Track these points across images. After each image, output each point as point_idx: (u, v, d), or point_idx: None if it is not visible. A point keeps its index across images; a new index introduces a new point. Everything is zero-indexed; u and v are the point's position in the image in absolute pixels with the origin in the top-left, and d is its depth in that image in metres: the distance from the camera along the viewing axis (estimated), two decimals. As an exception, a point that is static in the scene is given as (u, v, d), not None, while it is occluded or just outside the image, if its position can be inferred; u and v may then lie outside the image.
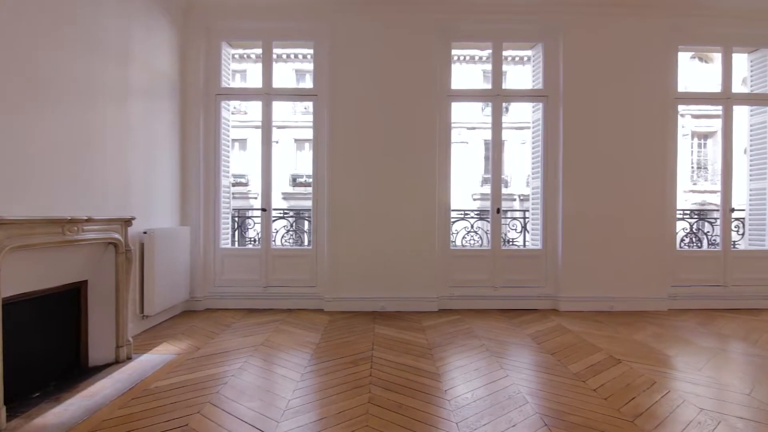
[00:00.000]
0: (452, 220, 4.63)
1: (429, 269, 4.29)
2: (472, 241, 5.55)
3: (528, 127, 17.54)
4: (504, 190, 17.88)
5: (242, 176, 17.60)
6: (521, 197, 17.30)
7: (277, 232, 5.78)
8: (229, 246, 4.65)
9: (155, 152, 3.78)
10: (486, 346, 3.18)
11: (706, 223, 5.28)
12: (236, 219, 5.92)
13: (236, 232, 6.12)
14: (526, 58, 17.12)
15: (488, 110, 17.75)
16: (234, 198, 17.22)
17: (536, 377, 2.56)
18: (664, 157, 4.37)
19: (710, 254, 4.55)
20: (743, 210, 4.82)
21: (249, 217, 6.06)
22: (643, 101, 4.34)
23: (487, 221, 6.22)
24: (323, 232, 4.34)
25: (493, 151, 4.48)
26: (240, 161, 17.88)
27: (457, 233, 5.62)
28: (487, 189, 17.83)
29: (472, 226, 5.52)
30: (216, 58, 4.37)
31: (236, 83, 18.00)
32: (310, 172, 4.40)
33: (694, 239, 5.15)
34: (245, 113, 17.53)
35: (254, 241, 6.12)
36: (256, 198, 17.44)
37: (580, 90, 4.32)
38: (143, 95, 3.58)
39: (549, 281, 4.42)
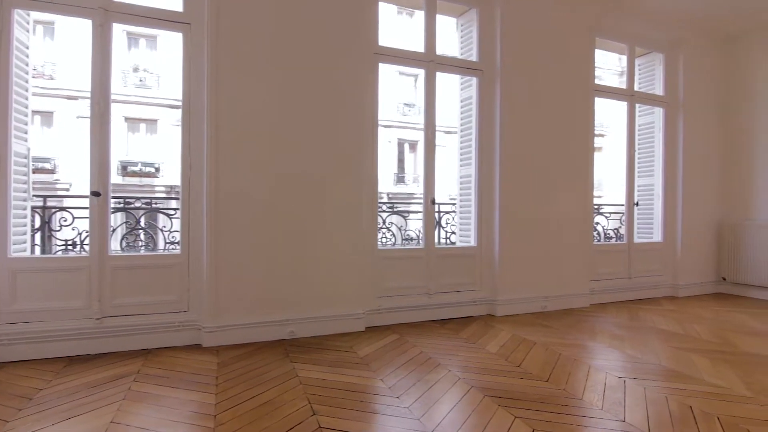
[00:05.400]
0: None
1: (354, 277, 3.27)
2: (384, 239, 4.71)
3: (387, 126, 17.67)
4: (405, 189, 17.91)
5: (46, 160, 13.41)
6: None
7: (114, 231, 3.96)
8: (28, 254, 2.82)
9: None
10: (464, 380, 2.34)
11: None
12: (41, 212, 3.90)
13: (43, 234, 4.06)
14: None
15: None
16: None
17: None
18: (586, 149, 4.24)
19: (617, 248, 4.63)
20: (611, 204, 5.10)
21: (63, 209, 4.06)
22: (571, 88, 4.13)
23: (403, 216, 5.49)
24: (201, 231, 2.92)
25: (426, 130, 3.69)
26: (43, 141, 13.62)
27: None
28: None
29: (384, 222, 4.67)
30: (0, -68, 2.54)
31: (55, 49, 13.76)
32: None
33: (594, 233, 5.28)
34: (51, 78, 13.41)
35: (75, 245, 4.12)
36: (67, 189, 13.48)
37: (518, 67, 3.85)
38: None
39: (484, 283, 3.85)
